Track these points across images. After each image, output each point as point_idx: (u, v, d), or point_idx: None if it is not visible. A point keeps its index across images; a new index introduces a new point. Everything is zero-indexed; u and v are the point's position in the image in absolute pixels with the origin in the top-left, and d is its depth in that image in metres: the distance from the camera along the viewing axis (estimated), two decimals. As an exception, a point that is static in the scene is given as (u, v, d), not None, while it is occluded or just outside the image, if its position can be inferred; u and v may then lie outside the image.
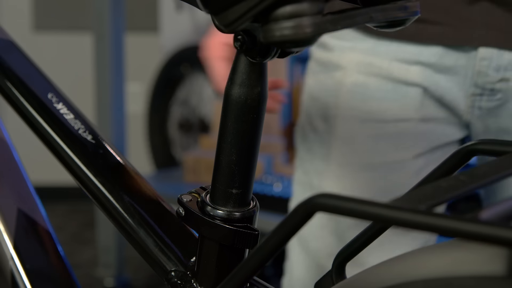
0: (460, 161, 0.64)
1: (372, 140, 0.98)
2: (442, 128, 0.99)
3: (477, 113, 0.98)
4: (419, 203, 0.48)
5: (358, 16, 0.60)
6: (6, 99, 0.84)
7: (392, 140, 0.98)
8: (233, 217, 0.68)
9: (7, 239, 0.82)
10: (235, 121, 0.66)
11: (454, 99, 0.97)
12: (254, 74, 0.65)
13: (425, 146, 0.99)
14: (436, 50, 0.96)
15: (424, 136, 0.98)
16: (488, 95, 0.96)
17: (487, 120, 0.98)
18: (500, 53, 0.94)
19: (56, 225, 0.84)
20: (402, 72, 0.97)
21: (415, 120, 0.98)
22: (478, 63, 0.94)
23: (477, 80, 0.95)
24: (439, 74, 0.96)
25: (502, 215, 0.48)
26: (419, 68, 0.96)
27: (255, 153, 0.68)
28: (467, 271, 0.48)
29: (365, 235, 0.66)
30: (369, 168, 0.99)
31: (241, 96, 0.65)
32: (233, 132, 0.66)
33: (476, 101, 0.97)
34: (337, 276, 0.67)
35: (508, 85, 0.95)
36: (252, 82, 0.65)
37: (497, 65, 0.94)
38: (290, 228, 0.53)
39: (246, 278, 0.59)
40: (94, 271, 2.67)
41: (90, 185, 0.78)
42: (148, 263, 0.76)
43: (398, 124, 0.98)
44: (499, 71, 0.94)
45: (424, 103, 0.97)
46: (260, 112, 0.67)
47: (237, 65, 0.66)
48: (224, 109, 0.67)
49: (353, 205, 0.49)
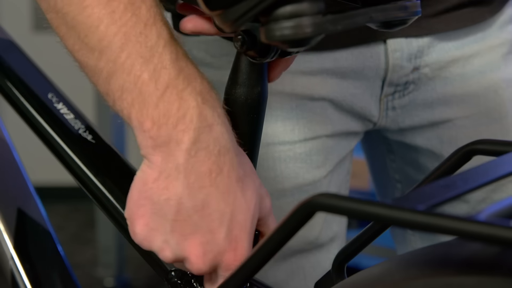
0: (460, 161, 0.64)
1: (281, 164, 0.89)
2: (348, 140, 0.93)
3: (390, 115, 0.93)
4: (419, 203, 0.48)
5: (358, 16, 0.60)
6: (6, 99, 0.84)
7: (302, 161, 0.89)
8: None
9: (7, 239, 0.83)
10: (235, 121, 0.66)
11: (365, 105, 0.91)
12: (254, 74, 0.65)
13: (335, 160, 0.92)
14: (340, 54, 0.88)
15: (333, 150, 0.91)
16: (400, 91, 0.91)
17: (402, 122, 0.93)
18: (408, 41, 0.89)
19: (56, 225, 0.85)
20: (306, 86, 0.88)
21: (324, 136, 0.90)
22: (392, 56, 0.89)
23: (392, 76, 0.89)
24: (346, 80, 0.89)
25: (502, 215, 0.48)
26: (324, 79, 0.88)
27: (255, 152, 0.68)
28: (467, 271, 0.48)
29: (365, 235, 0.66)
30: (281, 195, 0.90)
31: (242, 96, 0.65)
32: (233, 132, 0.66)
33: (389, 101, 0.92)
34: (337, 276, 0.67)
35: (419, 74, 0.91)
36: (252, 82, 0.65)
37: (408, 54, 0.89)
38: (290, 228, 0.54)
39: (246, 278, 0.59)
40: (94, 271, 2.67)
41: (90, 185, 0.78)
42: (148, 263, 0.76)
43: (307, 144, 0.89)
44: (411, 60, 0.90)
45: (332, 118, 0.90)
46: (261, 111, 0.67)
47: (237, 65, 0.66)
48: (224, 109, 0.67)
49: (353, 205, 0.49)
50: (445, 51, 0.91)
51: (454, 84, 0.93)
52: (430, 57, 0.91)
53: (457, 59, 0.92)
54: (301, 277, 0.92)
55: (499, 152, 0.60)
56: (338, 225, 0.95)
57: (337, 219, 0.94)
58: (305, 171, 0.90)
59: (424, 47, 0.90)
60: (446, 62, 0.92)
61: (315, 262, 0.93)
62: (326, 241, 0.93)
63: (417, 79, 0.91)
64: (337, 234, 0.94)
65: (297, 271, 0.92)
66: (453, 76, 0.92)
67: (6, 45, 0.85)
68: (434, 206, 0.49)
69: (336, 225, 0.94)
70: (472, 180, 0.52)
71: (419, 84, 0.92)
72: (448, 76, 0.92)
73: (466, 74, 0.93)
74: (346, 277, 0.66)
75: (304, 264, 0.92)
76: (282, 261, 0.91)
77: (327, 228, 0.92)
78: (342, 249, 0.68)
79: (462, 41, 0.92)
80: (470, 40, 0.93)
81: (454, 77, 0.92)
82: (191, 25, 0.67)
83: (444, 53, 0.91)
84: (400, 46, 0.89)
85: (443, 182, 0.52)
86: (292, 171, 0.89)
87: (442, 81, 0.92)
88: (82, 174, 0.79)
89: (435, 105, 0.93)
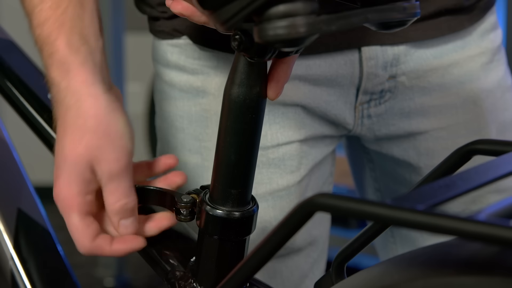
0: (459, 161, 0.64)
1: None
2: (324, 143, 0.92)
3: (366, 123, 0.91)
4: (419, 203, 0.48)
5: (353, 17, 0.60)
6: (6, 99, 0.84)
7: (275, 166, 0.88)
8: (232, 217, 0.68)
9: (7, 239, 0.83)
10: (234, 121, 0.66)
11: (339, 113, 0.89)
12: (253, 74, 0.65)
13: (310, 164, 0.91)
14: (313, 61, 0.87)
15: (307, 155, 0.90)
16: (376, 99, 0.90)
17: (378, 130, 0.92)
18: (383, 49, 0.87)
19: (56, 225, 0.84)
20: None
21: (297, 141, 0.89)
22: (366, 64, 0.87)
23: (366, 84, 0.88)
24: (319, 87, 0.88)
25: (502, 215, 0.48)
26: (296, 84, 0.87)
27: (254, 152, 0.68)
28: (467, 271, 0.48)
29: (365, 235, 0.66)
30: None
31: (240, 96, 0.65)
32: (232, 132, 0.66)
33: (364, 109, 0.90)
34: (337, 276, 0.67)
35: (396, 82, 0.89)
36: (251, 82, 0.65)
37: (383, 62, 0.88)
38: (290, 228, 0.54)
39: (246, 278, 0.59)
40: (94, 271, 2.67)
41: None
42: (148, 263, 0.76)
43: (280, 149, 0.88)
44: (386, 69, 0.88)
45: (305, 123, 0.89)
46: (259, 111, 0.67)
47: (236, 65, 0.66)
48: (223, 109, 0.67)
49: (353, 205, 0.49)
50: (423, 60, 0.90)
51: (432, 94, 0.90)
52: (407, 66, 0.89)
53: (436, 68, 0.90)
54: (278, 282, 0.91)
55: (499, 152, 0.60)
56: (317, 229, 0.93)
57: (316, 223, 0.93)
58: (279, 176, 0.89)
59: (400, 55, 0.88)
60: (424, 71, 0.90)
61: (293, 266, 0.92)
62: (303, 245, 0.92)
63: (394, 88, 0.89)
64: (316, 237, 0.93)
65: (274, 276, 0.91)
66: (431, 86, 0.90)
67: (6, 45, 0.86)
68: (434, 206, 0.49)
69: (314, 229, 0.93)
70: (472, 180, 0.52)
71: (396, 93, 0.90)
72: (426, 86, 0.90)
73: (445, 84, 0.91)
74: (346, 277, 0.66)
75: (281, 269, 0.91)
76: None
77: (304, 233, 0.91)
78: (342, 249, 0.68)
79: (441, 50, 0.91)
80: (449, 49, 0.91)
81: (432, 86, 0.90)
82: (180, 7, 0.67)
83: (422, 62, 0.89)
84: (375, 54, 0.87)
85: (443, 182, 0.52)
86: (265, 177, 0.88)
87: (420, 91, 0.90)
88: (82, 174, 0.79)
89: (412, 115, 0.91)
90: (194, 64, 0.87)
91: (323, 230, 0.95)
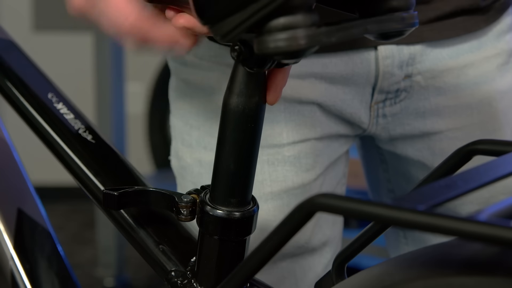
0: (460, 161, 0.64)
1: (270, 167, 0.88)
2: (339, 142, 0.92)
3: (381, 122, 0.91)
4: (419, 203, 0.48)
5: (353, 28, 0.60)
6: (6, 99, 0.84)
7: (290, 164, 0.88)
8: (232, 217, 0.68)
9: (7, 239, 0.83)
10: (233, 130, 0.66)
11: (355, 112, 0.89)
12: (251, 84, 0.65)
13: (325, 163, 0.91)
14: (329, 59, 0.87)
15: (322, 153, 0.90)
16: (391, 98, 0.90)
17: (393, 129, 0.92)
18: (399, 48, 0.87)
19: (56, 225, 0.84)
20: (294, 89, 0.87)
21: (313, 139, 0.88)
22: (382, 63, 0.87)
23: (382, 83, 0.88)
24: (336, 86, 0.88)
25: (502, 215, 0.48)
26: (313, 82, 0.87)
27: (253, 161, 0.68)
28: (467, 271, 0.48)
29: (365, 235, 0.66)
30: (269, 198, 0.89)
31: (239, 106, 0.65)
32: (231, 141, 0.67)
33: (379, 109, 0.90)
34: (337, 276, 0.67)
35: (411, 82, 0.89)
36: (250, 92, 0.65)
37: (399, 61, 0.88)
38: (290, 228, 0.54)
39: (246, 278, 0.59)
40: (94, 271, 2.67)
41: (90, 185, 0.78)
42: (148, 263, 0.76)
43: (295, 147, 0.88)
44: (402, 68, 0.88)
45: (321, 121, 0.89)
46: (258, 120, 0.67)
47: (234, 74, 0.66)
48: (222, 118, 0.67)
49: (353, 205, 0.49)
50: (439, 60, 0.90)
51: (447, 94, 0.90)
52: (423, 65, 0.89)
53: (451, 68, 0.90)
54: (292, 282, 0.91)
55: (499, 152, 0.60)
56: (330, 229, 0.93)
57: (330, 223, 0.93)
58: (294, 174, 0.88)
59: (416, 54, 0.88)
60: (439, 71, 0.90)
61: (307, 267, 0.92)
62: (318, 245, 0.91)
63: (409, 87, 0.89)
64: (330, 238, 0.93)
65: (288, 276, 0.91)
66: (446, 86, 0.90)
67: (6, 45, 0.85)
68: (434, 206, 0.49)
69: (328, 229, 0.93)
70: (472, 180, 0.52)
71: (411, 93, 0.90)
72: (442, 86, 0.90)
73: (460, 84, 0.91)
74: (346, 277, 0.66)
75: (295, 269, 0.91)
76: (273, 265, 0.90)
77: (319, 232, 0.91)
78: (342, 249, 0.68)
79: (457, 51, 0.90)
80: (465, 49, 0.91)
81: (447, 87, 0.90)
82: (183, 21, 0.67)
83: (438, 62, 0.90)
84: (391, 52, 0.87)
85: (443, 182, 0.52)
86: (281, 174, 0.88)
87: (435, 91, 0.90)
88: (82, 174, 0.79)
89: (427, 115, 0.91)
90: (210, 62, 0.87)
91: (336, 231, 0.95)
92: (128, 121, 2.65)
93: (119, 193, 0.71)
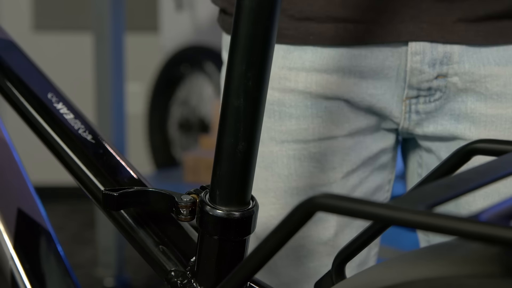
0: (460, 160, 0.63)
1: (295, 162, 0.88)
2: (372, 137, 0.90)
3: (414, 118, 0.88)
4: (419, 203, 0.48)
5: None
6: (6, 99, 0.84)
7: (316, 161, 0.87)
8: (232, 217, 0.68)
9: (7, 239, 0.82)
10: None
11: (386, 106, 0.87)
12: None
13: (355, 162, 0.89)
14: (359, 51, 0.85)
15: (352, 151, 0.88)
16: (425, 96, 0.86)
17: (427, 126, 0.88)
18: (433, 46, 0.83)
19: (56, 225, 0.84)
20: (321, 85, 0.86)
21: (340, 137, 0.87)
22: (411, 59, 0.84)
23: (411, 79, 0.85)
24: (365, 80, 0.85)
25: (502, 215, 0.48)
26: (341, 78, 0.85)
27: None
28: (467, 271, 0.48)
29: (365, 235, 0.66)
30: (294, 193, 0.89)
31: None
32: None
33: (412, 104, 0.87)
34: (337, 276, 0.67)
35: (446, 82, 0.85)
36: None
37: (431, 59, 0.84)
38: (290, 228, 0.53)
39: (246, 278, 0.59)
40: (94, 271, 2.67)
41: (90, 185, 0.78)
42: (148, 263, 0.76)
43: (321, 144, 0.87)
44: (435, 66, 0.84)
45: (349, 117, 0.87)
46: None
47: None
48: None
49: (353, 205, 0.49)
50: (482, 64, 0.84)
51: (488, 102, 0.85)
52: (461, 67, 0.84)
53: (497, 75, 0.84)
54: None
55: (499, 152, 0.60)
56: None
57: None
58: (319, 171, 0.88)
59: (453, 54, 0.84)
60: (482, 75, 0.84)
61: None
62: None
63: (444, 87, 0.85)
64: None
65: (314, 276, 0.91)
66: (489, 93, 0.85)
67: (6, 45, 0.85)
68: (434, 206, 0.49)
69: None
70: (472, 180, 0.52)
71: (448, 93, 0.85)
72: (483, 92, 0.85)
73: (505, 94, 0.85)
74: (346, 277, 0.66)
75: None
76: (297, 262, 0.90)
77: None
78: (342, 249, 0.68)
79: (506, 57, 0.84)
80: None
81: (490, 94, 0.85)
82: None
83: (481, 66, 0.84)
84: (421, 49, 0.84)
85: (443, 182, 0.51)
86: (307, 170, 0.88)
87: (474, 95, 0.85)
88: (82, 174, 0.79)
89: (462, 119, 0.86)
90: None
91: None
92: (128, 121, 2.65)
93: (119, 194, 0.71)
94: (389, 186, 0.94)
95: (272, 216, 0.91)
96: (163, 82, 3.46)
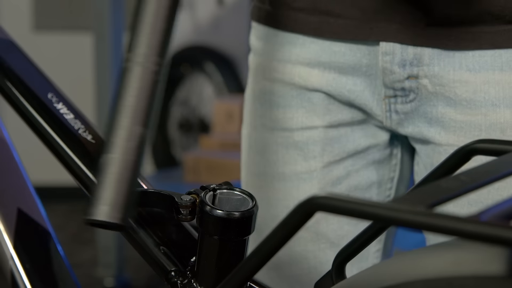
0: (460, 161, 0.63)
1: (283, 149, 0.93)
2: (361, 131, 0.91)
3: (395, 118, 0.88)
4: (419, 203, 0.48)
5: None
6: (6, 99, 0.84)
7: (299, 149, 0.92)
8: (232, 217, 0.68)
9: (7, 239, 0.82)
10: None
11: (365, 103, 0.88)
12: None
13: (339, 153, 0.91)
14: (338, 47, 0.87)
15: (335, 143, 0.91)
16: (401, 96, 0.86)
17: (407, 126, 0.88)
18: (404, 47, 0.83)
19: (56, 225, 0.85)
20: (303, 77, 0.90)
21: (321, 127, 0.91)
22: (382, 59, 0.85)
23: (384, 79, 0.86)
24: (344, 76, 0.88)
25: (502, 215, 0.48)
26: (320, 72, 0.89)
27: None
28: (467, 271, 0.48)
29: (365, 235, 0.66)
30: (281, 178, 0.93)
31: None
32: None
33: (392, 104, 0.87)
34: (337, 276, 0.67)
35: (418, 84, 0.84)
36: None
37: (401, 59, 0.84)
38: (290, 228, 0.53)
39: (246, 278, 0.59)
40: (94, 271, 2.67)
41: (90, 185, 0.78)
42: (148, 263, 0.76)
43: (304, 133, 0.91)
44: (405, 67, 0.84)
45: (330, 109, 0.90)
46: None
47: None
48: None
49: (353, 205, 0.49)
50: (453, 69, 0.83)
51: (457, 108, 0.84)
52: (431, 69, 0.83)
53: (467, 81, 0.82)
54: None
55: (499, 151, 0.60)
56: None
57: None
58: (302, 159, 0.92)
59: (423, 56, 0.83)
60: (450, 80, 0.83)
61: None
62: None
63: (416, 89, 0.85)
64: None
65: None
66: (458, 99, 0.83)
67: (6, 45, 0.85)
68: (434, 206, 0.49)
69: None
70: (472, 180, 0.52)
71: (420, 95, 0.85)
72: (452, 97, 0.83)
73: (474, 101, 0.83)
74: (346, 277, 0.66)
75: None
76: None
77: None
78: (342, 249, 0.68)
79: (480, 64, 0.82)
80: (493, 65, 0.81)
81: (459, 100, 0.83)
82: None
83: (451, 70, 0.83)
84: (391, 49, 0.84)
85: (443, 182, 0.51)
86: (292, 158, 0.92)
87: (444, 100, 0.84)
88: (82, 174, 0.79)
89: (433, 123, 0.86)
90: (260, 44, 0.94)
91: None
92: (128, 121, 2.65)
93: None
94: (391, 184, 0.95)
95: (262, 199, 0.93)
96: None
